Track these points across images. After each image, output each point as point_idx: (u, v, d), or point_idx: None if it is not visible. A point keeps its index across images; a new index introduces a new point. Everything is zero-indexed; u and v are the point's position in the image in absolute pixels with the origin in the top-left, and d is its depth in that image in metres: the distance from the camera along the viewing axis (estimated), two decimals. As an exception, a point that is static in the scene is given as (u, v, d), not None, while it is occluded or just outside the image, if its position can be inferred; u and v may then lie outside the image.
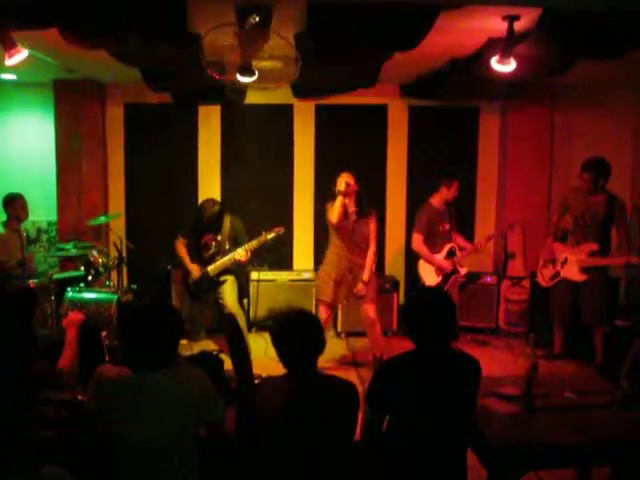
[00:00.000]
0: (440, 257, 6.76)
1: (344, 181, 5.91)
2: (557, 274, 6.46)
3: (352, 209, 6.07)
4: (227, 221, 6.32)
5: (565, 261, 6.38)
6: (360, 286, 6.10)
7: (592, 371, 5.97)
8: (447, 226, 6.80)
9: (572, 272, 6.33)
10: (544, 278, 6.63)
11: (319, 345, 3.05)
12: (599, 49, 5.12)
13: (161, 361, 2.95)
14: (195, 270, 6.29)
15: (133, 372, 2.95)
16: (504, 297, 7.66)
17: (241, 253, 6.15)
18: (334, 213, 5.99)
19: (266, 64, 5.36)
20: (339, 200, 5.95)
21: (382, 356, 6.08)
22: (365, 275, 6.11)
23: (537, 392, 3.48)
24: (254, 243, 6.18)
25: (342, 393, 3.03)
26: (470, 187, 8.21)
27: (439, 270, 6.75)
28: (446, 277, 6.76)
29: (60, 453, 2.98)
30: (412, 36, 4.85)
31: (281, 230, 6.27)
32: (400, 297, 7.76)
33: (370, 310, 6.19)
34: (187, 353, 5.78)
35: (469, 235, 7.76)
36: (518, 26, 4.65)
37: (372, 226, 6.17)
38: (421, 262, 6.83)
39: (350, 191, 5.97)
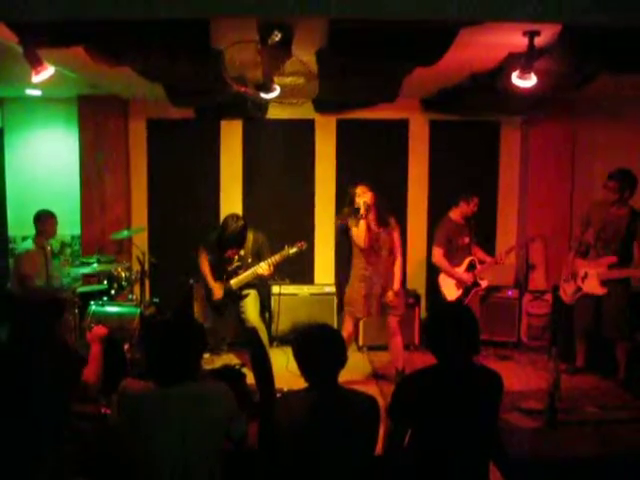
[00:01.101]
0: (460, 270, 6.77)
1: (362, 201, 5.84)
2: (579, 289, 6.40)
3: (373, 223, 6.02)
4: (250, 236, 6.33)
5: (585, 275, 6.33)
6: (390, 295, 6.03)
7: (615, 385, 5.91)
8: (467, 239, 6.81)
9: (593, 286, 6.27)
10: (566, 293, 6.57)
11: (341, 359, 3.07)
12: (620, 64, 5.10)
13: (184, 374, 2.98)
14: (217, 290, 6.30)
15: (157, 385, 2.98)
16: (526, 311, 7.60)
17: (264, 267, 6.15)
18: (360, 239, 5.92)
19: (287, 80, 5.39)
20: (362, 224, 5.88)
21: (404, 369, 6.06)
22: (395, 284, 6.06)
23: (559, 406, 3.48)
24: (277, 257, 6.18)
25: (364, 407, 3.04)
26: (491, 201, 8.20)
27: (460, 283, 6.76)
28: (467, 290, 6.76)
29: (85, 465, 3.01)
30: (433, 52, 4.87)
31: (304, 245, 6.27)
32: (422, 311, 7.73)
33: (393, 321, 6.12)
34: (209, 367, 5.81)
35: (490, 249, 7.74)
36: (538, 41, 4.65)
37: (395, 235, 6.12)
38: (442, 276, 6.84)
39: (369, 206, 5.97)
